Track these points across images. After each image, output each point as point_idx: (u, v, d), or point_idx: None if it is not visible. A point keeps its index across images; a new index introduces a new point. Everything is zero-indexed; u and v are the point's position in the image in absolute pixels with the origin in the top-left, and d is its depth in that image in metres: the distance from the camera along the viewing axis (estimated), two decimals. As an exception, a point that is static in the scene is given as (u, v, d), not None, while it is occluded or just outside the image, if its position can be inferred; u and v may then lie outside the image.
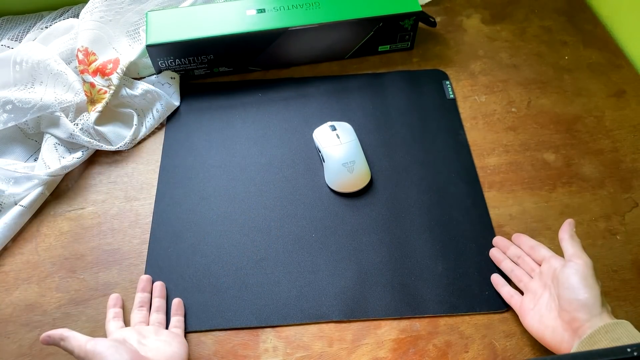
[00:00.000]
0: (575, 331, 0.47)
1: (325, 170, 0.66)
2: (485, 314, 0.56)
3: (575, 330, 0.47)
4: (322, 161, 0.66)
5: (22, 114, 0.67)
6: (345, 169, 0.64)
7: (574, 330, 0.47)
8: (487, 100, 0.75)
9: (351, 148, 0.65)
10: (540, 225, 0.63)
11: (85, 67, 0.70)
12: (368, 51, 0.79)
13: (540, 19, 0.85)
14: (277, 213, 0.64)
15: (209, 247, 0.61)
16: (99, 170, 0.69)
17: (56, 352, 0.55)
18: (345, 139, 0.66)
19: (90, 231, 0.63)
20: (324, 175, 0.66)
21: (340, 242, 0.61)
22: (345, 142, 0.66)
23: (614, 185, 0.66)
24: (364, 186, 0.65)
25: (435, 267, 0.59)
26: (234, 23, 0.73)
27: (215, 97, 0.75)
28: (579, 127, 0.72)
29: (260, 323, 0.56)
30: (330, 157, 0.65)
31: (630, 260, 0.60)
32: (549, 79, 0.77)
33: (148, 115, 0.72)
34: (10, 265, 0.61)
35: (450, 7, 0.87)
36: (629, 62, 0.79)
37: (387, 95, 0.75)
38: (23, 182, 0.63)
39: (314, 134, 0.68)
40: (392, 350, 0.54)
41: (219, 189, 0.66)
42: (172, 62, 0.74)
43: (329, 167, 0.65)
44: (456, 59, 0.80)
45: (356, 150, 0.66)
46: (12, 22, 0.81)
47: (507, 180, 0.66)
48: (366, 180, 0.65)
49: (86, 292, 0.59)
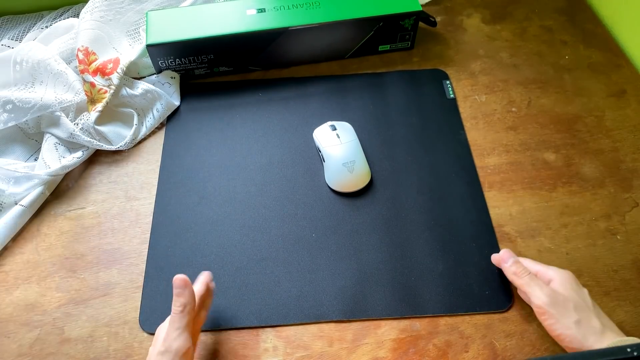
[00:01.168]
0: None
1: (326, 170, 0.66)
2: (485, 313, 0.56)
3: None
4: (322, 161, 0.66)
5: (22, 114, 0.67)
6: (346, 168, 0.64)
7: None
8: (488, 100, 0.75)
9: (351, 148, 0.65)
10: (541, 225, 0.63)
11: (85, 67, 0.70)
12: (368, 51, 0.79)
13: (540, 18, 0.85)
14: (277, 213, 0.64)
15: (209, 247, 0.61)
16: (99, 170, 0.69)
17: (56, 352, 0.55)
18: (345, 138, 0.66)
19: (90, 231, 0.63)
20: (324, 175, 0.66)
21: (340, 241, 0.61)
22: (346, 142, 0.66)
23: (614, 185, 0.66)
24: (364, 186, 0.65)
25: (436, 266, 0.59)
26: (234, 23, 0.73)
27: (216, 96, 0.75)
28: (579, 127, 0.71)
29: (260, 323, 0.56)
30: (331, 157, 0.65)
31: (631, 260, 0.60)
32: (549, 78, 0.77)
33: (148, 115, 0.72)
34: (10, 265, 0.61)
35: (450, 7, 0.87)
36: (629, 61, 0.78)
37: (387, 95, 0.75)
38: (23, 182, 0.64)
39: (314, 133, 0.68)
40: (392, 350, 0.54)
41: (219, 188, 0.66)
42: (172, 61, 0.74)
43: (329, 167, 0.65)
44: (456, 58, 0.80)
45: (356, 150, 0.66)
46: (12, 21, 0.81)
47: (507, 180, 0.66)
48: (366, 180, 0.65)
49: (86, 291, 0.59)
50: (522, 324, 0.56)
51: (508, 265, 0.54)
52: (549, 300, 0.50)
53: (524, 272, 0.53)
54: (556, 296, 0.50)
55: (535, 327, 0.55)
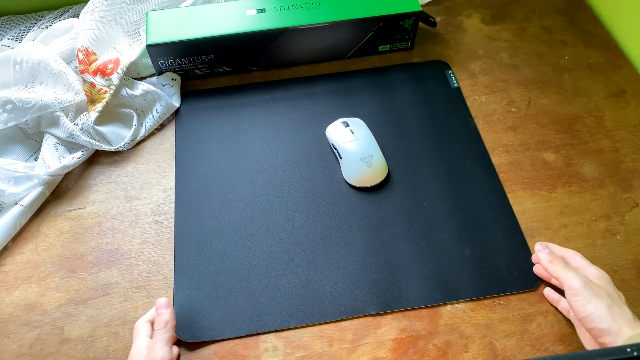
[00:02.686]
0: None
1: (343, 167, 0.66)
2: (517, 293, 0.57)
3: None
4: (339, 158, 0.67)
5: (22, 114, 0.67)
6: (364, 163, 0.64)
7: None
8: (487, 100, 0.75)
9: (367, 142, 0.66)
10: (540, 225, 0.63)
11: (85, 67, 0.70)
12: (368, 51, 0.79)
13: (540, 18, 0.85)
14: (300, 213, 0.64)
15: (236, 252, 0.61)
16: (99, 170, 0.69)
17: (56, 352, 0.55)
18: (360, 134, 0.66)
19: (90, 231, 0.63)
20: (342, 171, 0.66)
21: (366, 236, 0.62)
22: (361, 137, 0.66)
23: (614, 185, 0.66)
24: (383, 179, 0.65)
25: (463, 252, 0.60)
26: (234, 23, 0.73)
27: (220, 100, 0.75)
28: (579, 127, 0.72)
29: (298, 323, 0.56)
30: (348, 153, 0.65)
31: (631, 260, 0.60)
32: (549, 79, 0.77)
33: (148, 116, 0.72)
34: (10, 265, 0.61)
35: (450, 7, 0.87)
36: (629, 62, 0.79)
37: (393, 89, 0.75)
38: (23, 182, 0.64)
39: (327, 131, 0.69)
40: (392, 350, 0.54)
41: (238, 193, 0.66)
42: (172, 61, 0.74)
43: (347, 163, 0.65)
44: (456, 58, 0.80)
45: (372, 143, 0.66)
46: (12, 22, 0.81)
47: (507, 180, 0.66)
48: (384, 173, 0.66)
49: (86, 292, 0.59)
50: (522, 324, 0.56)
51: (543, 255, 0.54)
52: (584, 283, 0.50)
53: (557, 259, 0.53)
54: (591, 283, 0.50)
55: (535, 327, 0.56)
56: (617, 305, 0.48)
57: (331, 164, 0.68)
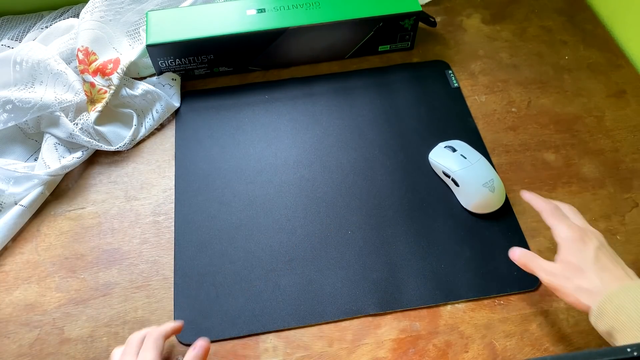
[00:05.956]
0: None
1: (463, 195, 0.63)
2: (517, 293, 0.57)
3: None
4: (456, 185, 0.64)
5: (22, 114, 0.67)
6: (487, 188, 0.62)
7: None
8: (487, 100, 0.75)
9: (483, 166, 0.63)
10: (540, 225, 0.63)
11: (85, 67, 0.70)
12: (368, 51, 0.79)
13: (540, 18, 0.85)
14: (300, 213, 0.64)
15: (236, 252, 0.61)
16: (99, 170, 0.69)
17: (56, 352, 0.55)
18: (473, 158, 0.64)
19: (90, 231, 0.63)
20: (460, 200, 0.64)
21: (366, 236, 0.62)
22: (476, 162, 0.63)
23: (614, 185, 0.66)
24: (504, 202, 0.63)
25: (463, 252, 0.60)
26: (234, 23, 0.73)
27: (221, 101, 0.75)
28: (579, 127, 0.72)
29: (298, 323, 0.56)
30: (467, 180, 0.63)
31: (631, 261, 0.60)
32: (549, 79, 0.77)
33: (147, 116, 0.72)
34: (10, 265, 0.61)
35: (450, 7, 0.87)
36: (629, 62, 0.79)
37: (393, 89, 0.75)
38: (23, 182, 0.64)
39: (431, 158, 0.67)
40: (392, 350, 0.54)
41: (238, 194, 0.66)
42: (172, 61, 0.74)
43: (468, 191, 0.63)
44: (456, 58, 0.80)
45: (488, 166, 0.64)
46: (12, 22, 0.81)
47: (507, 180, 0.66)
48: (504, 195, 0.63)
49: (86, 292, 0.59)
50: (522, 324, 0.56)
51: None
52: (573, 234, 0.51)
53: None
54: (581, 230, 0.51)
55: (535, 327, 0.56)
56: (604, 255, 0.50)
57: (331, 164, 0.68)
